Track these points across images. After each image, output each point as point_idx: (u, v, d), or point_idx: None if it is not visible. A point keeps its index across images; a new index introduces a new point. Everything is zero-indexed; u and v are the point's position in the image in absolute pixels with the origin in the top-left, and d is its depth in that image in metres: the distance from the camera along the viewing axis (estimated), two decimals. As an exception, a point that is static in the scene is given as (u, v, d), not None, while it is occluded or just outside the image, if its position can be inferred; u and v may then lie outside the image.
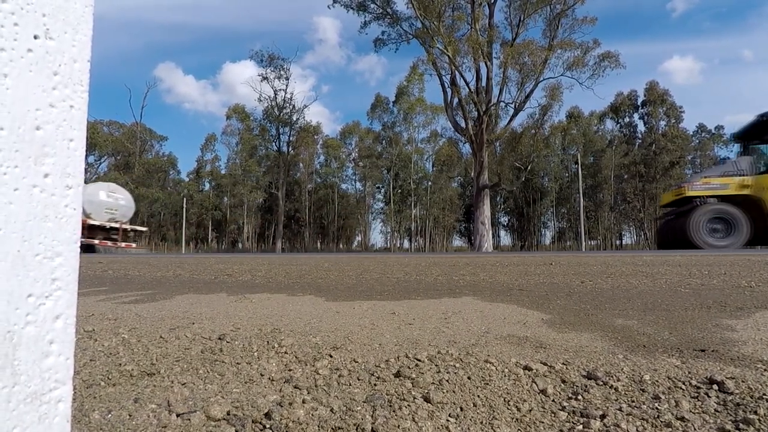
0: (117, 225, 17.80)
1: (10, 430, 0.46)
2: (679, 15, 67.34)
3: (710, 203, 8.69)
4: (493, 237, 28.32)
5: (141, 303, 2.65)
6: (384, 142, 39.39)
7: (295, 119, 34.79)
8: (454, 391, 1.11)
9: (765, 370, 1.21)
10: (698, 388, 1.10)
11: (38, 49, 0.50)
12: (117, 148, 36.64)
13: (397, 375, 1.22)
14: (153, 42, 72.82)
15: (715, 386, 1.09)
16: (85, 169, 0.59)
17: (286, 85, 33.66)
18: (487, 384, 1.15)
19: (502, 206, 42.57)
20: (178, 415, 0.97)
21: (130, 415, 0.97)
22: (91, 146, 33.22)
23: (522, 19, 22.77)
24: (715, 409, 0.98)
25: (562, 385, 1.14)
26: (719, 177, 8.96)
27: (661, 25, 67.03)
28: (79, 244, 0.54)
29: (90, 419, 0.96)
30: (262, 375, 1.24)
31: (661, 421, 0.92)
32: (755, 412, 0.94)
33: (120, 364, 1.34)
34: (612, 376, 1.17)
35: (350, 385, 1.17)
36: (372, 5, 23.74)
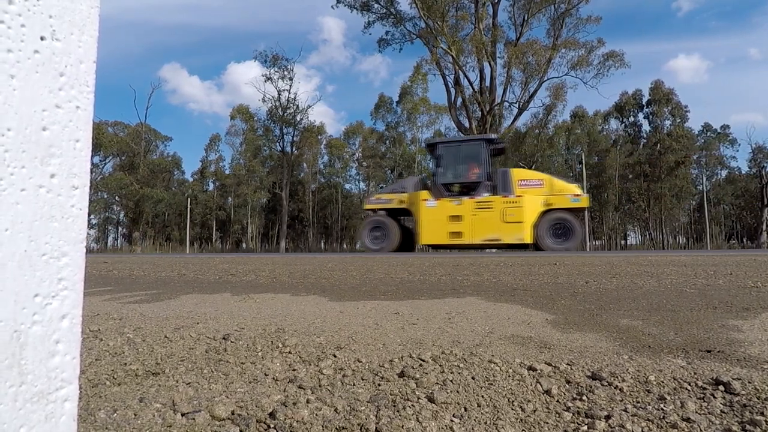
0: None
1: (18, 429, 0.46)
2: (685, 14, 66.96)
3: (378, 214, 10.54)
4: (496, 237, 28.26)
5: (146, 303, 2.66)
6: (388, 142, 39.38)
7: (298, 119, 34.86)
8: (458, 392, 1.10)
9: (772, 371, 1.20)
10: (704, 389, 1.09)
11: (45, 50, 0.51)
12: (122, 149, 36.81)
13: (401, 375, 1.22)
14: (158, 43, 73.20)
15: (721, 387, 1.09)
16: (91, 170, 0.59)
17: (290, 86, 33.72)
18: (492, 384, 1.15)
19: (506, 206, 42.36)
20: (182, 415, 0.97)
21: (135, 415, 0.98)
22: (96, 147, 33.41)
23: (526, 18, 22.73)
24: (721, 410, 0.98)
25: (567, 385, 1.14)
26: (388, 194, 10.95)
27: (667, 24, 66.69)
28: (85, 244, 0.54)
29: (96, 418, 0.96)
30: (266, 375, 1.25)
31: (667, 422, 0.92)
32: (762, 414, 0.94)
33: (125, 364, 1.35)
34: (617, 377, 1.17)
35: (354, 385, 1.17)
36: (376, 5, 23.76)
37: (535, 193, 9.67)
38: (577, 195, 9.57)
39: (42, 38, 0.50)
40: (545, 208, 9.56)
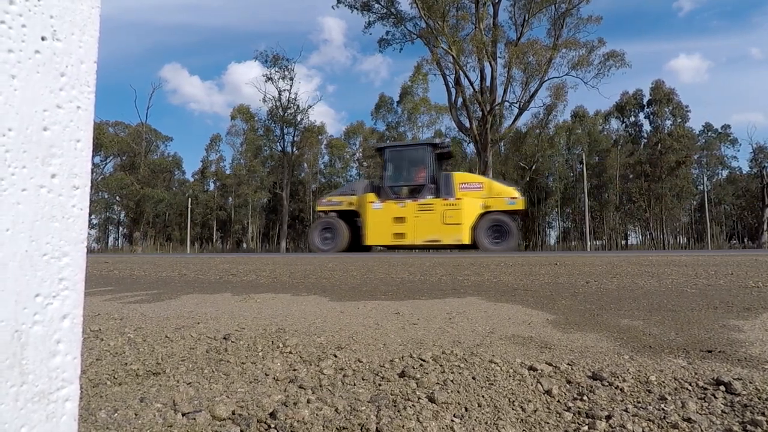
0: None
1: (19, 429, 0.47)
2: (686, 13, 66.85)
3: (329, 216, 11.00)
4: (497, 237, 28.25)
5: (146, 303, 2.66)
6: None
7: (299, 119, 34.87)
8: (458, 392, 1.10)
9: (773, 371, 1.20)
10: (705, 389, 1.09)
11: (46, 51, 0.51)
12: (123, 149, 36.83)
13: (402, 375, 1.22)
14: (158, 43, 73.13)
15: (722, 387, 1.08)
16: (92, 170, 0.59)
17: (291, 86, 33.73)
18: (492, 384, 1.15)
19: (507, 206, 42.37)
20: (183, 415, 0.98)
21: (136, 414, 0.98)
22: (97, 147, 33.43)
23: (526, 18, 22.71)
24: (722, 411, 0.97)
25: (568, 385, 1.14)
26: (338, 196, 11.35)
27: (668, 23, 66.58)
28: (85, 244, 0.54)
29: (96, 418, 0.96)
30: (266, 375, 1.25)
31: (668, 422, 0.91)
32: (763, 414, 0.94)
33: (126, 364, 1.35)
34: (618, 377, 1.17)
35: (355, 385, 1.17)
36: (376, 5, 23.75)
37: (474, 196, 10.06)
38: (514, 198, 9.99)
39: (43, 38, 0.50)
40: (483, 210, 9.97)
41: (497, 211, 9.86)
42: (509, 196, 9.97)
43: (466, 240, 9.87)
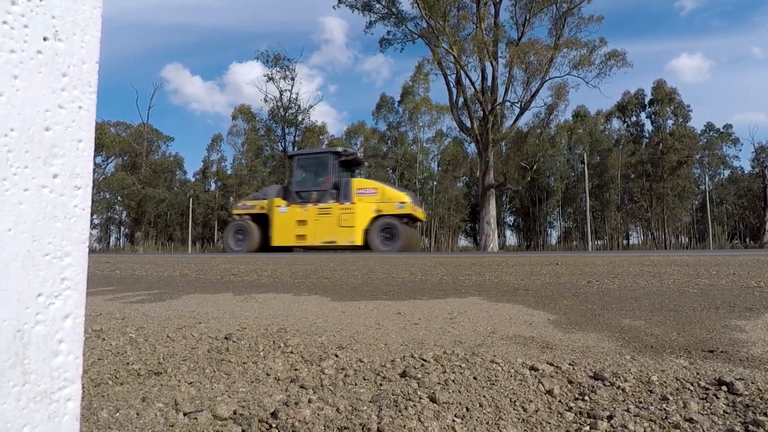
0: None
1: (21, 429, 0.47)
2: (687, 13, 66.70)
3: (243, 219, 11.82)
4: (498, 237, 28.22)
5: (148, 302, 2.67)
6: (389, 141, 39.37)
7: (300, 119, 34.89)
8: (460, 392, 1.10)
9: (775, 371, 1.20)
10: (707, 389, 1.09)
11: (47, 51, 0.51)
12: (124, 149, 36.88)
13: (403, 375, 1.22)
14: (160, 43, 73.18)
15: (724, 387, 1.08)
16: (93, 170, 0.59)
17: (292, 86, 33.76)
18: (493, 384, 1.15)
19: (508, 206, 42.40)
20: (185, 414, 0.98)
21: (137, 414, 0.98)
22: (98, 147, 33.49)
23: (528, 18, 22.68)
24: (724, 411, 0.97)
25: (569, 385, 1.14)
26: (252, 200, 12.22)
27: (669, 23, 66.41)
28: (87, 244, 0.55)
29: (98, 418, 0.97)
30: (268, 374, 1.25)
31: (669, 423, 0.91)
32: (765, 414, 0.93)
33: (127, 363, 1.35)
34: (619, 377, 1.16)
35: (356, 384, 1.17)
36: (377, 5, 23.75)
37: (368, 201, 10.95)
38: (403, 202, 10.81)
39: (45, 39, 0.50)
40: (376, 213, 10.82)
41: (388, 215, 10.72)
42: (399, 201, 10.85)
43: (359, 241, 10.75)
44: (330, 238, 11.01)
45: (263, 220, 11.70)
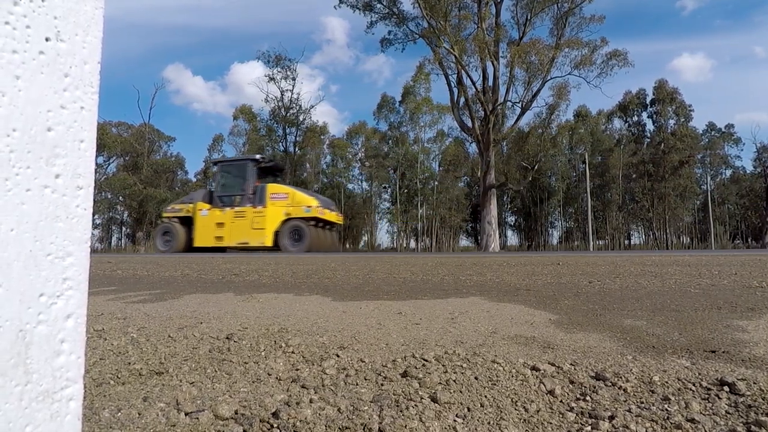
0: None
1: (23, 428, 0.47)
2: (689, 12, 66.54)
3: (170, 221, 12.73)
4: (500, 237, 28.19)
5: (150, 302, 2.67)
6: (390, 142, 39.37)
7: (301, 119, 34.93)
8: (461, 392, 1.10)
9: (777, 371, 1.20)
10: (709, 389, 1.08)
11: (49, 51, 0.51)
12: (125, 149, 36.94)
13: (404, 375, 1.22)
14: (161, 44, 73.34)
15: (726, 388, 1.08)
16: (95, 170, 0.59)
17: (293, 86, 33.80)
18: (495, 384, 1.15)
19: (509, 206, 42.38)
20: (186, 414, 0.98)
21: (139, 414, 0.98)
22: (100, 147, 33.56)
23: (529, 17, 22.66)
24: (726, 411, 0.97)
25: (571, 385, 1.14)
26: (179, 204, 13.10)
27: (671, 22, 66.29)
28: (89, 244, 0.55)
29: (100, 417, 0.97)
30: (269, 374, 1.25)
31: (671, 423, 0.91)
32: (767, 414, 0.93)
33: (129, 363, 1.35)
34: (621, 377, 1.16)
35: (357, 384, 1.17)
36: (378, 5, 23.75)
37: (280, 205, 11.80)
38: (310, 206, 11.64)
39: (47, 39, 0.51)
40: (286, 217, 11.67)
41: (297, 218, 11.56)
42: (306, 205, 11.69)
43: (269, 242, 11.64)
44: (244, 239, 11.91)
45: (190, 223, 12.54)
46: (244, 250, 12.07)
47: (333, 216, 12.65)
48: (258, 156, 12.91)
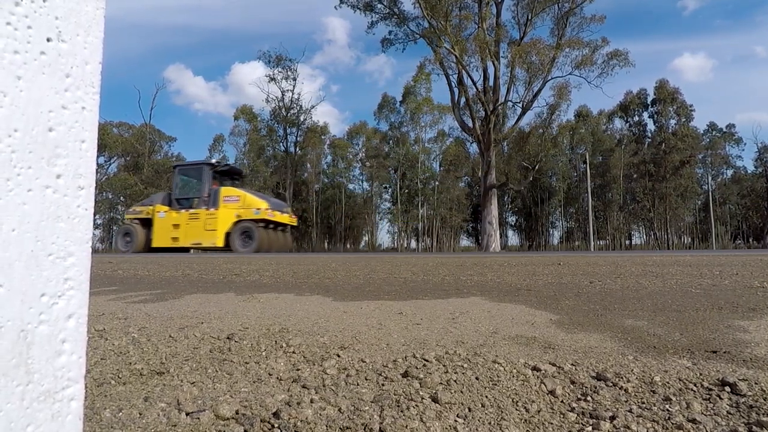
0: None
1: (24, 428, 0.47)
2: (690, 12, 66.48)
3: (131, 223, 13.48)
4: (500, 237, 28.17)
5: (150, 302, 2.67)
6: (391, 142, 39.37)
7: (302, 120, 34.94)
8: (462, 392, 1.10)
9: (778, 372, 1.19)
10: (710, 389, 1.08)
11: (51, 52, 0.51)
12: (126, 149, 37.00)
13: (405, 375, 1.22)
14: (162, 44, 73.49)
15: (727, 388, 1.08)
16: (96, 170, 0.59)
17: (294, 86, 33.82)
18: (496, 384, 1.15)
19: (510, 206, 42.36)
20: (187, 414, 0.98)
21: (140, 414, 0.98)
22: (101, 147, 33.61)
23: (530, 17, 22.66)
24: (727, 411, 0.97)
25: (571, 386, 1.13)
26: (140, 206, 13.79)
27: (672, 22, 66.24)
28: (90, 244, 0.55)
29: (101, 417, 0.97)
30: (270, 374, 1.25)
31: (672, 423, 0.91)
32: (769, 415, 0.93)
33: (130, 363, 1.35)
34: (622, 377, 1.16)
35: (358, 384, 1.17)
36: (379, 5, 23.78)
37: (231, 207, 12.49)
38: (259, 208, 12.29)
39: (48, 40, 0.51)
40: (237, 219, 12.34)
41: (247, 220, 12.19)
42: (256, 207, 12.31)
43: (220, 243, 12.34)
44: (197, 240, 12.63)
45: (150, 224, 13.25)
46: (192, 249, 12.90)
47: (285, 218, 13.29)
48: (214, 160, 13.76)
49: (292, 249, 14.85)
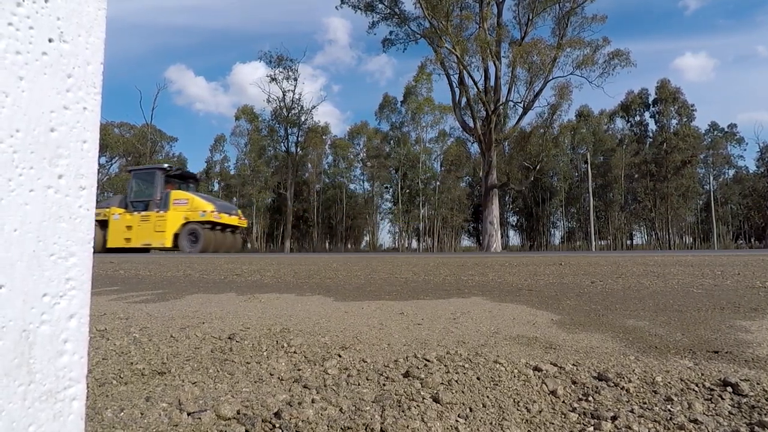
0: None
1: (26, 428, 0.47)
2: (692, 12, 66.37)
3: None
4: (501, 237, 28.16)
5: (152, 302, 2.67)
6: (392, 142, 39.37)
7: (303, 120, 34.96)
8: (463, 392, 1.10)
9: (780, 372, 1.19)
10: (712, 390, 1.08)
11: (53, 52, 0.51)
12: (128, 150, 37.07)
13: (406, 375, 1.22)
14: (163, 44, 73.62)
15: (729, 388, 1.08)
16: (98, 170, 0.59)
17: (295, 86, 33.83)
18: (497, 384, 1.15)
19: (511, 206, 42.34)
20: (188, 414, 0.98)
21: (141, 414, 0.98)
22: (102, 147, 33.68)
23: (531, 17, 22.65)
24: (729, 412, 0.97)
25: (573, 386, 1.13)
26: (98, 209, 13.96)
27: (673, 22, 66.15)
28: (92, 244, 0.55)
29: (103, 417, 0.97)
30: (271, 374, 1.25)
31: (674, 424, 0.91)
32: (771, 415, 0.93)
33: (132, 363, 1.35)
34: (623, 378, 1.16)
35: (359, 385, 1.17)
36: (380, 6, 23.79)
37: (180, 210, 13.26)
38: (205, 211, 13.03)
39: (50, 40, 0.51)
40: (185, 221, 13.09)
41: (194, 222, 12.95)
42: (202, 210, 13.04)
43: (168, 243, 13.06)
44: (147, 240, 13.34)
45: (106, 226, 13.88)
46: (143, 250, 13.51)
47: (233, 220, 13.98)
48: (166, 165, 14.45)
49: (239, 250, 15.71)
